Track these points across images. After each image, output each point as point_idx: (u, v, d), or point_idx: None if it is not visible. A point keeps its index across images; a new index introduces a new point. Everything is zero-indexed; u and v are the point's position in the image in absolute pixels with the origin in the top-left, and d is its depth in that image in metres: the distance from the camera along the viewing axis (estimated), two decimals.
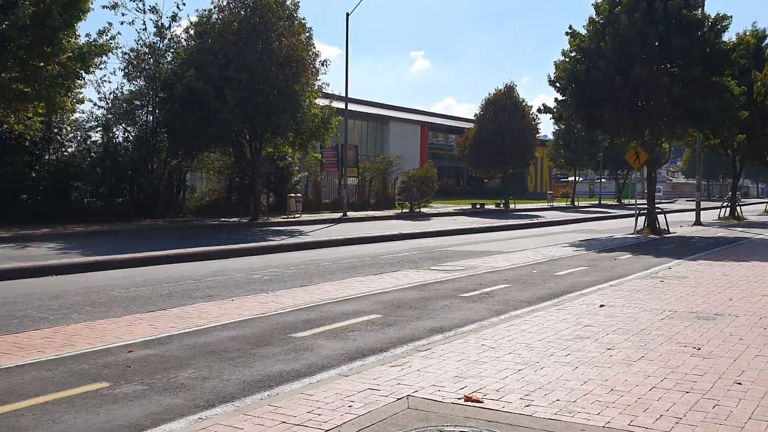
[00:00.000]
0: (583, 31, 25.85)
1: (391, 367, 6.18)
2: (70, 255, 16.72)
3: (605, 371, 6.04)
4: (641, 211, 27.51)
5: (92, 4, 21.74)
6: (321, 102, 32.57)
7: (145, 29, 31.53)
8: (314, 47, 30.81)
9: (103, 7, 28.56)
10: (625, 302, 9.78)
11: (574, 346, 7.03)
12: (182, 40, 30.96)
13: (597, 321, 8.36)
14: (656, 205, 27.71)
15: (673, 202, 72.85)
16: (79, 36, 22.29)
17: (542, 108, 28.85)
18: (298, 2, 30.42)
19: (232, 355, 6.97)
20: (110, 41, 23.16)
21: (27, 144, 26.90)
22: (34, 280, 12.94)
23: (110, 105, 30.60)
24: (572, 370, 6.10)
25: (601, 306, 9.44)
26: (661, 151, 30.51)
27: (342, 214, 35.09)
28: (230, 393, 5.75)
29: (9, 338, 7.73)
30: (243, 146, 31.33)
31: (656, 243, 22.03)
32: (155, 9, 30.07)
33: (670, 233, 26.00)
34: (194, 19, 30.24)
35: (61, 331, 8.12)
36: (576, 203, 62.46)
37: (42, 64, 21.03)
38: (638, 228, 26.30)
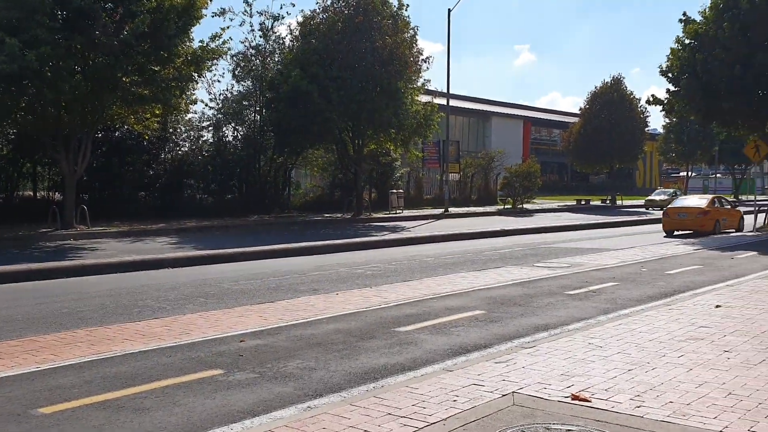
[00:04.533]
0: (699, 18, 24.58)
1: (496, 363, 6.15)
2: (183, 249, 17.62)
3: (722, 374, 5.76)
4: (761, 208, 25.96)
5: (205, 10, 22.72)
6: (423, 98, 32.68)
7: (252, 31, 32.60)
8: (417, 45, 30.95)
9: (213, 14, 29.95)
10: (744, 303, 9.26)
11: (688, 347, 6.74)
12: (287, 41, 31.92)
13: (712, 322, 7.97)
14: None
15: None
16: (192, 41, 23.35)
17: (651, 99, 27.72)
18: (407, 5, 30.60)
19: (337, 347, 7.13)
20: (222, 45, 24.09)
21: (145, 143, 28.54)
22: (152, 272, 13.72)
23: (220, 105, 32.03)
24: (686, 371, 5.85)
25: (717, 306, 8.98)
26: None
27: (443, 210, 35.06)
28: (337, 383, 5.89)
29: (132, 326, 8.24)
30: (346, 143, 31.89)
31: None
32: (264, 12, 31.14)
33: None
34: (300, 19, 31.07)
35: (179, 320, 8.58)
36: None
37: (159, 68, 22.18)
38: (758, 225, 24.82)
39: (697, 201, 24.01)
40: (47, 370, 6.24)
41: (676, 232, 23.17)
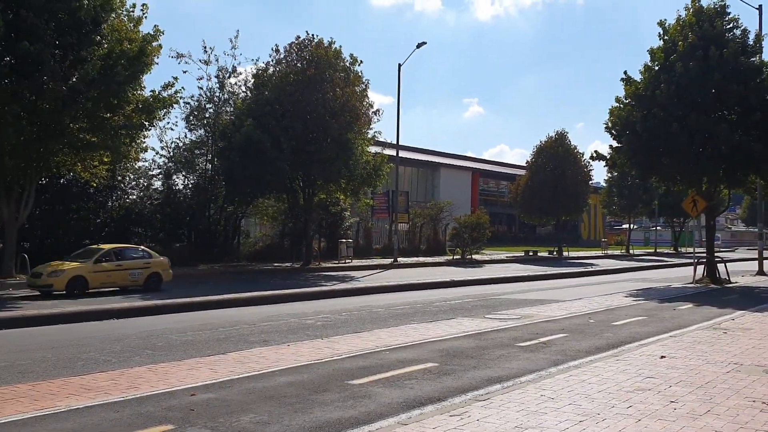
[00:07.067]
0: (639, 77, 25.69)
1: (450, 416, 6.16)
2: (130, 299, 17.20)
3: (670, 425, 5.90)
4: (700, 260, 26.79)
5: (157, 58, 22.72)
6: (373, 149, 33.09)
7: (209, 80, 32.67)
8: (368, 98, 31.45)
9: (170, 56, 29.99)
10: (688, 354, 9.52)
11: (636, 398, 6.89)
12: (241, 92, 32.08)
13: (658, 373, 8.17)
14: (716, 254, 26.97)
15: (734, 251, 70.70)
16: (144, 88, 23.25)
17: (594, 155, 28.65)
18: (360, 60, 31.17)
19: (291, 401, 7.04)
20: (174, 95, 24.00)
21: (92, 191, 27.98)
22: (96, 323, 13.35)
23: (171, 153, 31.77)
24: (635, 422, 5.97)
25: (662, 357, 9.22)
26: (720, 198, 29.80)
27: (392, 260, 35.17)
28: None
29: (76, 380, 7.98)
30: (297, 193, 31.93)
31: (717, 293, 21.40)
32: (222, 68, 31.44)
33: (731, 283, 25.22)
34: (252, 70, 31.32)
35: (126, 373, 8.35)
36: (631, 251, 61.19)
37: (108, 115, 21.95)
38: (697, 277, 25.59)
39: None
40: None
41: None
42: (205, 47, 31.73)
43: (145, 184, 31.29)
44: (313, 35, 30.39)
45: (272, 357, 9.46)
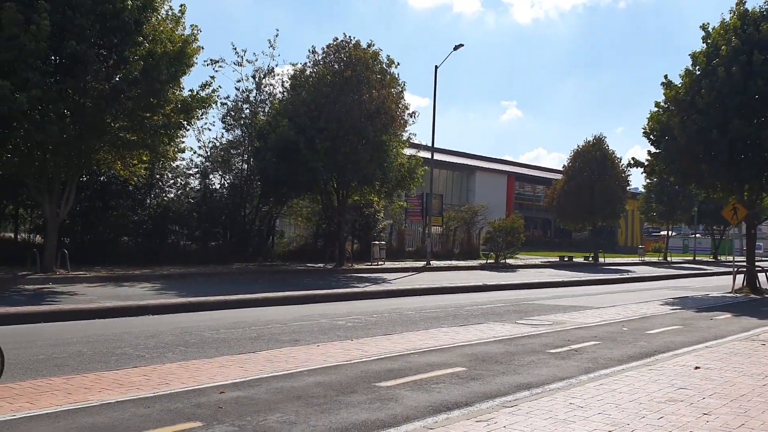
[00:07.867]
0: (680, 81, 25.21)
1: (477, 422, 6.13)
2: (165, 296, 17.48)
3: None
4: (740, 269, 26.20)
5: (197, 59, 23.03)
6: (408, 152, 33.09)
7: (246, 80, 33.21)
8: (404, 100, 31.46)
9: (205, 63, 30.53)
10: (723, 365, 9.32)
11: (667, 409, 6.77)
12: (278, 93, 32.40)
13: (692, 384, 8.02)
14: (757, 263, 26.34)
15: None
16: (183, 88, 23.58)
17: (632, 162, 28.25)
18: (397, 63, 31.24)
19: (318, 401, 7.08)
20: (212, 94, 24.31)
21: (131, 189, 28.51)
22: (132, 318, 13.59)
23: (209, 153, 32.23)
24: None
25: (697, 368, 9.04)
26: (762, 206, 29.11)
27: (425, 262, 35.10)
28: None
29: (109, 374, 8.14)
30: (331, 194, 32.10)
31: (757, 303, 20.91)
32: (258, 69, 31.85)
33: None
34: (290, 71, 31.61)
35: (158, 369, 8.49)
36: (669, 258, 60.14)
37: (148, 114, 22.33)
38: (736, 287, 25.03)
39: None
40: (22, 419, 6.14)
41: None
42: (235, 49, 32.19)
43: (183, 182, 31.81)
44: (350, 37, 30.55)
45: (302, 357, 9.53)
